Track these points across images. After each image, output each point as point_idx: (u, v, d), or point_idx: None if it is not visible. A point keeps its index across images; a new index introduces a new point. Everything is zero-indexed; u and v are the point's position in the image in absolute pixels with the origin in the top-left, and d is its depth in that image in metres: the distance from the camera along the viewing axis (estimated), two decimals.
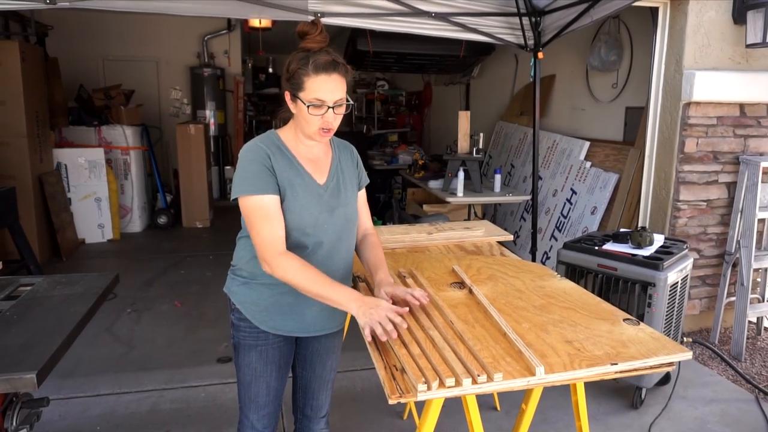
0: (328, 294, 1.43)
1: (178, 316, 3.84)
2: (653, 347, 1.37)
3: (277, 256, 1.43)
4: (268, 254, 1.43)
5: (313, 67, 1.42)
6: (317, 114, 1.45)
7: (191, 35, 7.59)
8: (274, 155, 1.49)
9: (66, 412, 2.61)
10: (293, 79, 1.45)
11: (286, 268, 1.43)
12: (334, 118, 1.47)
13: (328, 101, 1.44)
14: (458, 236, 2.50)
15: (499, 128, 6.51)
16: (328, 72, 1.43)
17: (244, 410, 1.67)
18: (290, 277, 1.43)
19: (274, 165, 1.48)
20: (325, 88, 1.43)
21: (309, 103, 1.43)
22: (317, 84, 1.42)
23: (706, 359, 3.30)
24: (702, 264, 3.60)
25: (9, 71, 4.58)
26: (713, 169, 3.49)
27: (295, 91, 1.45)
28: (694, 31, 3.32)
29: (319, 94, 1.43)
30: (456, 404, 1.69)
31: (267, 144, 1.51)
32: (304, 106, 1.44)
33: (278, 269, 1.43)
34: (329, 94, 1.44)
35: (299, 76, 1.43)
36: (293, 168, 1.52)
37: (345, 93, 1.47)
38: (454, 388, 1.20)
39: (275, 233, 1.45)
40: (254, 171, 1.46)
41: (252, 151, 1.49)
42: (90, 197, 5.61)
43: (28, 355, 1.24)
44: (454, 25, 3.43)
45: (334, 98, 1.45)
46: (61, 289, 1.69)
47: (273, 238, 1.44)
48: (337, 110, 1.47)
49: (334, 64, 1.44)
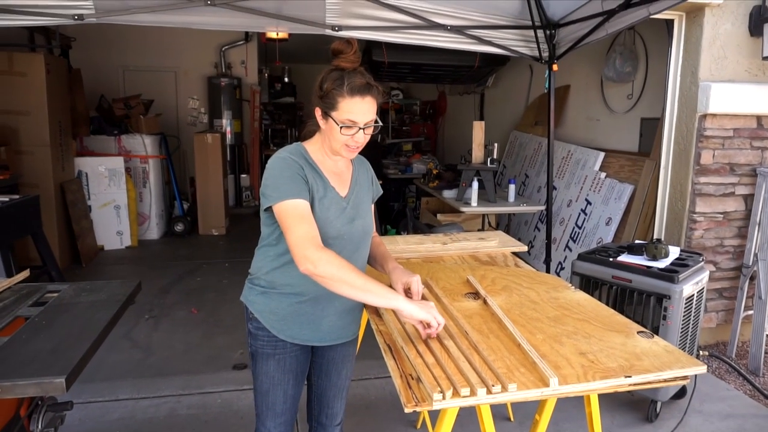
0: (373, 288, 1.40)
1: (194, 323, 3.89)
2: (667, 360, 1.38)
3: (319, 250, 1.40)
4: (309, 250, 1.39)
5: (349, 89, 1.45)
6: (348, 134, 1.49)
7: (209, 46, 7.73)
8: (304, 167, 1.53)
9: (86, 416, 2.66)
10: (327, 98, 1.48)
11: (330, 261, 1.38)
12: (363, 138, 1.52)
13: (360, 122, 1.48)
14: (473, 246, 2.52)
15: (513, 138, 6.52)
16: (362, 95, 1.46)
17: (261, 417, 1.70)
18: (334, 271, 1.38)
19: (306, 175, 1.51)
20: (359, 110, 1.47)
21: (342, 123, 1.47)
22: (351, 105, 1.46)
23: (723, 373, 3.27)
24: (719, 276, 3.57)
25: (34, 83, 4.71)
26: (730, 181, 3.47)
27: (328, 109, 1.49)
28: (709, 43, 3.32)
29: (352, 116, 1.47)
30: (470, 414, 1.70)
31: (296, 156, 1.54)
32: (336, 126, 1.48)
33: (321, 263, 1.38)
34: (362, 115, 1.48)
35: (333, 96, 1.47)
36: (321, 180, 1.55)
37: (375, 114, 1.51)
38: (469, 397, 1.22)
39: (312, 231, 1.44)
40: (288, 177, 1.48)
41: (284, 160, 1.52)
42: (109, 205, 5.73)
43: (57, 360, 1.28)
44: (469, 37, 3.47)
45: (365, 120, 1.49)
46: (86, 296, 1.74)
47: (312, 235, 1.43)
48: (367, 131, 1.51)
49: (368, 87, 1.48)
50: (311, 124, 1.61)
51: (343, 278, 1.38)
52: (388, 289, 1.44)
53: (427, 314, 1.41)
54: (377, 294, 1.41)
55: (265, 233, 1.61)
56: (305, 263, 1.39)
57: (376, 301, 1.43)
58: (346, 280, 1.38)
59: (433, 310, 1.43)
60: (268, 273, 1.60)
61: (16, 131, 4.74)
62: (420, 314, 1.40)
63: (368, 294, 1.41)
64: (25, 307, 1.66)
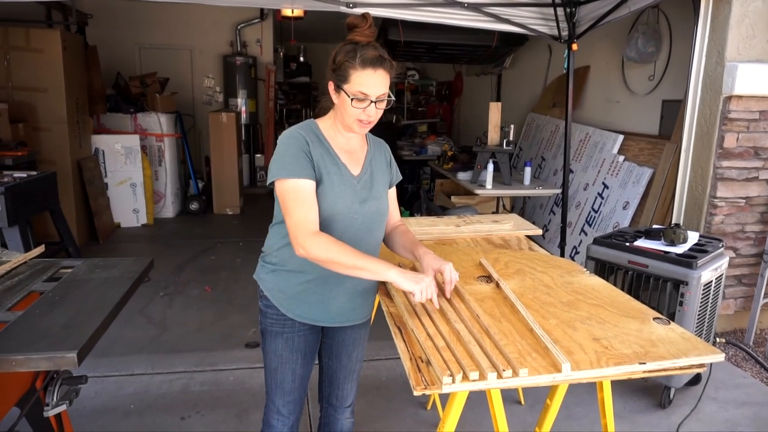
0: (365, 264, 1.43)
1: (208, 301, 3.93)
2: (683, 347, 1.35)
3: (310, 236, 1.43)
4: (301, 235, 1.43)
5: (360, 61, 1.44)
6: (360, 107, 1.47)
7: (224, 24, 7.67)
8: (312, 142, 1.52)
9: (101, 390, 2.71)
10: (339, 71, 1.47)
11: (320, 245, 1.42)
12: (375, 112, 1.50)
13: (371, 95, 1.46)
14: (486, 229, 2.49)
15: (530, 120, 6.41)
16: (374, 67, 1.44)
17: (270, 395, 1.71)
18: (324, 254, 1.42)
19: (311, 151, 1.50)
20: (371, 82, 1.45)
21: (353, 96, 1.46)
22: (363, 78, 1.44)
23: (740, 361, 3.22)
24: (738, 263, 3.50)
25: (51, 59, 4.72)
26: (754, 165, 3.37)
27: (340, 82, 1.47)
28: (738, 21, 3.20)
29: (364, 88, 1.45)
30: (480, 397, 1.69)
31: (306, 131, 1.54)
32: (348, 98, 1.46)
33: (312, 248, 1.42)
34: (374, 88, 1.46)
35: (346, 69, 1.45)
36: (330, 156, 1.54)
37: (388, 88, 1.49)
38: (479, 381, 1.20)
39: (309, 215, 1.45)
40: (292, 155, 1.48)
41: (291, 136, 1.52)
42: (126, 183, 5.77)
43: (70, 335, 1.29)
44: (486, 15, 3.39)
45: (377, 93, 1.47)
46: (99, 272, 1.75)
47: (306, 220, 1.45)
48: (379, 105, 1.49)
49: (380, 59, 1.46)
50: (325, 100, 1.60)
51: (334, 259, 1.42)
52: (380, 262, 1.46)
53: (413, 285, 1.42)
54: (369, 269, 1.44)
55: (277, 210, 1.60)
56: (298, 248, 1.45)
57: (369, 276, 1.46)
58: (337, 260, 1.43)
59: (423, 283, 1.43)
60: (279, 250, 1.60)
61: (33, 108, 4.78)
62: (404, 285, 1.42)
63: (361, 271, 1.44)
64: (40, 282, 1.68)
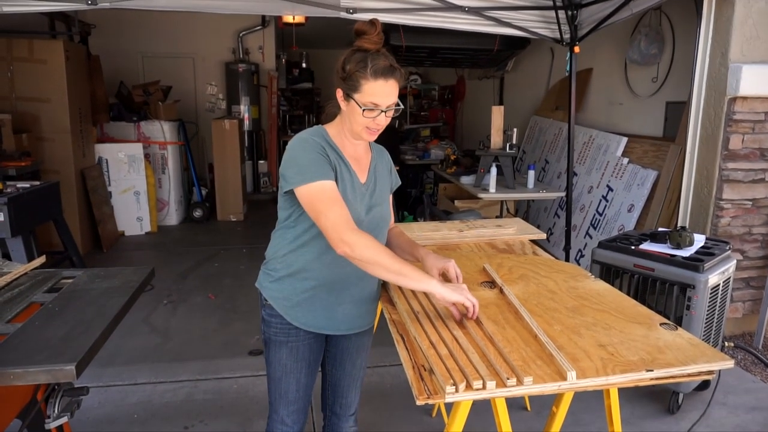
0: (408, 271, 1.39)
1: (211, 309, 3.92)
2: (692, 354, 1.32)
3: (355, 232, 1.39)
4: (345, 233, 1.38)
5: (372, 71, 1.42)
6: (371, 116, 1.46)
7: (226, 31, 7.71)
8: (326, 148, 1.50)
9: (105, 400, 2.70)
10: (350, 80, 1.45)
11: (367, 244, 1.38)
12: (384, 121, 1.49)
13: (382, 105, 1.45)
14: (490, 234, 2.47)
15: (533, 123, 6.39)
16: (386, 77, 1.43)
17: (274, 405, 1.69)
18: (370, 254, 1.38)
19: (329, 155, 1.49)
20: (382, 92, 1.44)
21: (364, 106, 1.44)
22: (374, 88, 1.43)
23: (749, 365, 3.18)
24: (746, 266, 3.46)
25: (54, 69, 4.74)
26: (760, 166, 3.34)
27: (351, 91, 1.46)
28: (741, 22, 3.17)
29: (375, 98, 1.44)
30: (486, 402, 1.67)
31: (318, 137, 1.52)
32: (359, 108, 1.45)
33: (358, 246, 1.37)
34: (385, 98, 1.45)
35: (357, 78, 1.43)
36: (343, 163, 1.53)
37: (397, 97, 1.48)
38: (482, 390, 1.18)
39: (345, 213, 1.41)
40: (312, 159, 1.45)
41: (306, 141, 1.49)
42: (129, 191, 5.79)
43: (69, 347, 1.28)
44: (487, 19, 3.38)
45: (388, 102, 1.46)
46: (99, 282, 1.74)
47: (346, 217, 1.41)
48: (389, 114, 1.48)
49: (391, 69, 1.44)
50: (331, 106, 1.58)
51: (380, 262, 1.38)
52: (422, 272, 1.43)
53: (460, 296, 1.40)
54: (412, 278, 1.40)
55: (282, 216, 1.59)
56: (342, 246, 1.38)
57: (410, 284, 1.42)
58: (382, 263, 1.39)
59: (466, 291, 1.42)
60: (286, 255, 1.58)
61: (37, 118, 4.80)
62: (452, 296, 1.40)
63: (403, 277, 1.40)
64: (40, 293, 1.67)
